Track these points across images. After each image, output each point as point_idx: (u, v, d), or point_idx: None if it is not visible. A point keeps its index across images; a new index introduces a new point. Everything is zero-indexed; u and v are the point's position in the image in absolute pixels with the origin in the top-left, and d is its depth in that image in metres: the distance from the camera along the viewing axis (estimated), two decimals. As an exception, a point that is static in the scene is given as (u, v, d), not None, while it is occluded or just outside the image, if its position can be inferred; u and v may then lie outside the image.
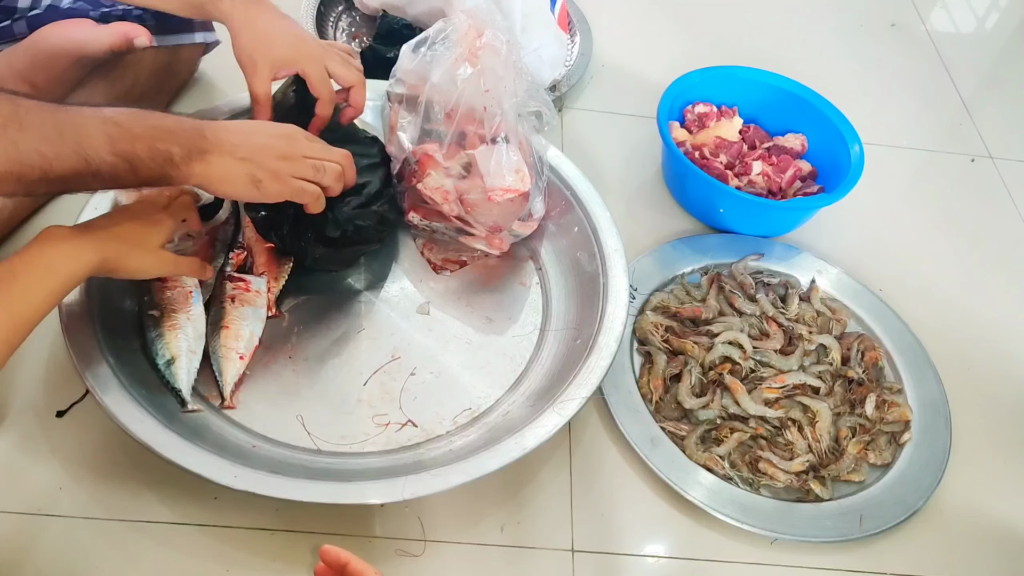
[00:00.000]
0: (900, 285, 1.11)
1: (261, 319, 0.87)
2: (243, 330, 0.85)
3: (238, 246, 0.93)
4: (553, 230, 1.02)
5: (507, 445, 0.77)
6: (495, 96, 0.89)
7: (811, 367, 0.98)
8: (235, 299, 0.87)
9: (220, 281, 0.89)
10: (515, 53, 0.91)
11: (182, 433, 0.74)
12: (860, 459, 0.91)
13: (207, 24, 1.10)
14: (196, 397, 0.82)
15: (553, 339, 0.94)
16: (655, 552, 0.84)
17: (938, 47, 1.58)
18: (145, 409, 0.74)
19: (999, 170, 1.35)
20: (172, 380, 0.80)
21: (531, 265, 1.02)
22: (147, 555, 0.76)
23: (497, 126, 0.90)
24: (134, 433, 0.72)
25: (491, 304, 0.97)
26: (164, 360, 0.81)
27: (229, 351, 0.84)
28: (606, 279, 0.92)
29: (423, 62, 0.91)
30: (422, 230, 1.00)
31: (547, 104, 0.96)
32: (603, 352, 0.85)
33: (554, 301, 0.98)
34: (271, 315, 0.89)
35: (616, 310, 0.89)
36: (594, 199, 1.00)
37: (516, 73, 0.91)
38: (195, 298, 0.85)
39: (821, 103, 1.18)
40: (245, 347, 0.85)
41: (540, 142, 0.97)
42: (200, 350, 0.83)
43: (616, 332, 0.87)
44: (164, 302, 0.84)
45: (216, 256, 0.91)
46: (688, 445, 0.89)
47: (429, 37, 0.91)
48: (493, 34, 0.89)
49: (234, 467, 0.72)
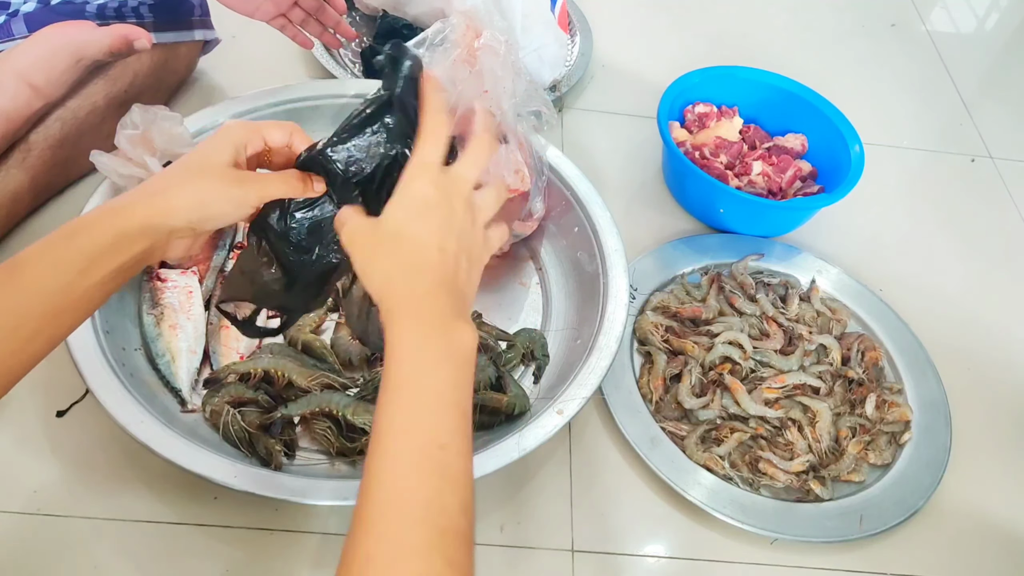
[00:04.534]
0: (900, 285, 1.11)
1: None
2: None
3: (238, 245, 0.92)
4: (553, 230, 1.02)
5: (507, 445, 0.77)
6: (494, 97, 0.89)
7: (811, 367, 0.98)
8: None
9: (220, 281, 0.89)
10: (514, 53, 0.91)
11: (182, 433, 0.74)
12: (860, 459, 0.91)
13: (206, 21, 1.10)
14: (197, 396, 0.82)
15: (553, 339, 0.94)
16: (655, 552, 0.84)
17: (938, 47, 1.58)
18: (145, 409, 0.74)
19: (999, 170, 1.34)
20: (172, 380, 0.81)
21: (531, 265, 1.02)
22: (147, 555, 0.76)
23: (496, 127, 0.90)
24: (134, 433, 0.72)
25: (491, 304, 0.97)
26: (164, 360, 0.81)
27: (230, 351, 0.84)
28: (606, 279, 0.92)
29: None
30: None
31: (546, 103, 0.96)
32: (603, 352, 0.85)
33: (554, 301, 0.98)
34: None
35: (616, 310, 0.89)
36: (594, 199, 0.99)
37: (515, 73, 0.91)
38: (195, 298, 0.85)
39: (821, 103, 1.17)
40: (246, 347, 0.86)
41: (540, 142, 0.97)
42: (201, 350, 0.84)
43: (616, 332, 0.87)
44: (163, 302, 0.84)
45: (216, 255, 0.91)
46: (688, 445, 0.89)
47: (427, 39, 0.90)
48: (491, 34, 0.89)
49: (234, 466, 0.72)
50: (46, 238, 0.54)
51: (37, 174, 0.92)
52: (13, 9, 0.95)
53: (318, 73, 1.20)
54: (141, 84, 1.01)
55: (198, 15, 1.08)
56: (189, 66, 1.14)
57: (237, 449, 0.77)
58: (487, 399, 0.83)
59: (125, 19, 0.99)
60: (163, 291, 0.85)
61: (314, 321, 0.89)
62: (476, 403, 0.80)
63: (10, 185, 0.90)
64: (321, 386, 0.82)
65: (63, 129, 0.93)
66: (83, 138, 0.95)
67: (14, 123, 0.87)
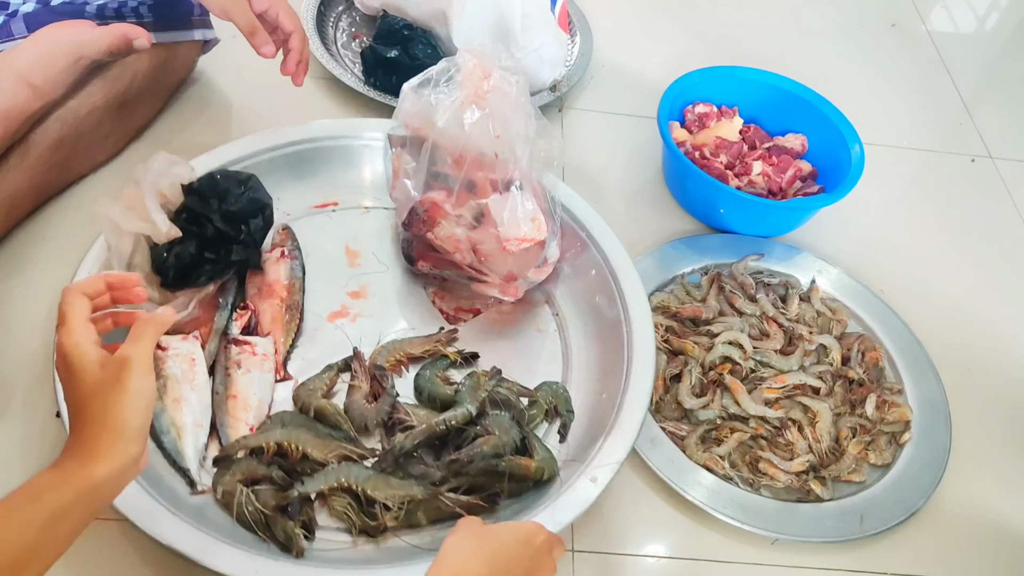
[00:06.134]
0: (900, 285, 1.11)
1: (270, 384, 0.83)
2: (251, 398, 0.80)
3: (241, 306, 0.88)
4: (568, 272, 0.98)
5: (540, 520, 0.72)
6: (507, 142, 0.86)
7: (811, 367, 0.98)
8: (241, 364, 0.82)
9: (224, 345, 0.84)
10: (524, 94, 0.87)
11: (193, 520, 0.69)
12: (860, 459, 0.91)
13: (205, 21, 1.10)
14: (206, 474, 0.77)
15: (576, 391, 0.89)
16: (655, 552, 0.84)
17: (938, 47, 1.58)
18: (153, 498, 0.70)
19: (999, 170, 1.34)
20: (179, 459, 0.75)
21: (547, 310, 0.97)
22: (147, 554, 0.76)
23: (511, 174, 0.86)
24: (144, 527, 0.68)
25: (508, 353, 0.92)
26: (169, 437, 0.75)
27: (238, 422, 0.78)
28: (629, 327, 0.89)
29: (426, 104, 0.87)
30: (432, 279, 0.96)
31: (557, 141, 0.92)
32: (633, 410, 0.82)
33: (574, 349, 0.94)
34: (280, 379, 0.85)
35: (644, 365, 0.86)
36: (609, 238, 0.96)
37: (526, 115, 0.88)
38: (199, 365, 0.79)
39: (821, 103, 1.17)
40: (255, 417, 0.80)
41: (550, 179, 0.94)
42: (207, 423, 0.78)
43: (645, 388, 0.84)
44: (165, 372, 0.77)
45: (219, 317, 0.86)
46: (688, 445, 0.89)
47: (432, 77, 0.88)
48: (501, 75, 0.85)
49: (254, 560, 0.68)
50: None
51: (36, 174, 0.92)
52: (12, 9, 0.95)
53: (318, 74, 1.20)
54: (140, 84, 1.01)
55: (197, 14, 1.08)
56: (188, 67, 1.14)
57: (253, 533, 0.72)
58: (514, 467, 0.77)
59: (124, 19, 0.99)
60: (164, 360, 0.78)
61: (325, 384, 0.84)
62: (503, 471, 0.77)
63: (9, 185, 0.90)
64: (338, 458, 0.77)
65: (62, 129, 0.93)
66: (82, 138, 0.95)
67: (13, 123, 0.87)
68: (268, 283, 0.90)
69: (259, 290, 0.90)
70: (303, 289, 0.92)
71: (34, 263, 0.93)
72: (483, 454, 0.77)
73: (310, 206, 1.02)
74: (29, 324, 0.87)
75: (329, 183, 1.03)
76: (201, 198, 0.84)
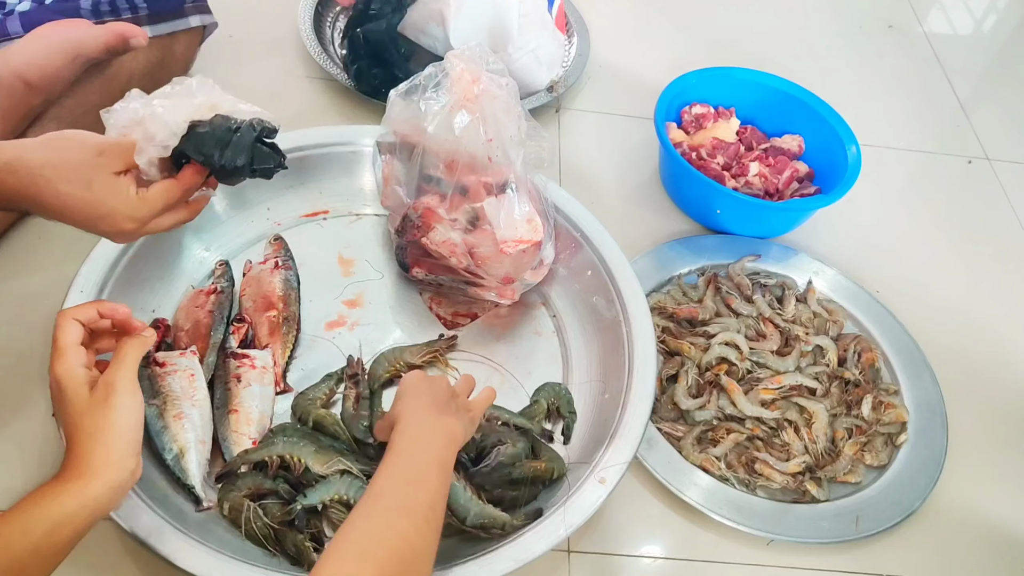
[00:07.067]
0: (897, 286, 1.11)
1: (270, 396, 0.83)
2: (253, 412, 0.80)
3: (237, 319, 0.88)
4: (564, 273, 0.98)
5: (552, 524, 0.73)
6: (499, 145, 0.85)
7: (808, 368, 0.98)
8: (241, 378, 0.82)
9: (223, 359, 0.84)
10: (515, 96, 0.87)
11: (202, 538, 0.69)
12: (856, 460, 0.91)
13: (201, 7, 1.09)
14: (211, 490, 0.77)
15: (578, 392, 0.90)
16: (651, 553, 0.84)
17: (935, 49, 1.58)
18: (159, 515, 0.70)
19: (996, 172, 1.35)
20: (183, 476, 0.74)
21: (544, 312, 0.97)
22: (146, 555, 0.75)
23: (505, 177, 0.86)
24: (154, 546, 0.68)
25: (506, 355, 0.93)
26: (172, 454, 0.75)
27: (240, 437, 0.78)
28: (629, 327, 0.89)
29: (415, 110, 0.86)
30: (428, 284, 0.96)
31: (547, 142, 0.92)
32: (638, 409, 0.82)
33: (573, 350, 0.94)
34: (279, 391, 0.85)
35: (646, 363, 0.86)
36: (604, 238, 0.96)
37: (517, 117, 0.87)
38: (198, 381, 0.79)
39: (818, 104, 1.18)
40: (257, 430, 0.80)
41: (541, 180, 0.93)
42: (209, 438, 0.78)
43: (649, 388, 0.84)
44: (165, 389, 0.77)
45: (215, 331, 0.86)
46: (684, 446, 0.89)
47: (420, 83, 0.87)
48: (490, 78, 0.85)
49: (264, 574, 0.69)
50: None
51: (33, 173, 0.92)
52: (9, 8, 0.95)
53: (316, 73, 1.20)
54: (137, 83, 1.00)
55: (191, 1, 1.08)
56: (185, 66, 1.14)
57: (262, 548, 0.72)
58: (529, 471, 0.79)
59: (120, 11, 0.98)
60: (163, 377, 0.77)
61: (324, 394, 0.85)
62: (521, 478, 0.78)
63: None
64: (338, 472, 0.77)
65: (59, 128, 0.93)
66: (79, 138, 0.95)
67: (10, 121, 0.87)
68: (264, 295, 0.90)
69: (255, 303, 0.90)
70: (299, 300, 0.92)
71: (34, 263, 0.93)
72: (504, 463, 0.79)
73: (300, 215, 1.01)
74: (28, 323, 0.87)
75: (317, 192, 1.03)
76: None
